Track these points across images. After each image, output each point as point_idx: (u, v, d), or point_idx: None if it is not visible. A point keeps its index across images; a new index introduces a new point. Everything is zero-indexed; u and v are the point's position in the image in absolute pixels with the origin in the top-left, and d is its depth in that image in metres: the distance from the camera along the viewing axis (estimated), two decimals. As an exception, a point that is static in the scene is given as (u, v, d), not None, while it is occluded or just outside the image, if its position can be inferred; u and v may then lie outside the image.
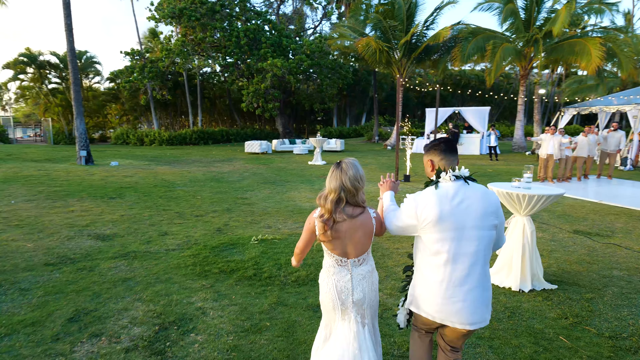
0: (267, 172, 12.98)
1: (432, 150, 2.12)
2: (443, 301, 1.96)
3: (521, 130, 20.13)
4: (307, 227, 2.09)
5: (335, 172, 2.04)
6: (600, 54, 14.50)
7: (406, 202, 2.05)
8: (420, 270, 2.06)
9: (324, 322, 2.21)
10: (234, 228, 6.13)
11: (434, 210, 1.93)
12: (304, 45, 23.31)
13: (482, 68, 42.64)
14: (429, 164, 2.12)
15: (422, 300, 2.05)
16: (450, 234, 1.93)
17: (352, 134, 34.22)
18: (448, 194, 1.97)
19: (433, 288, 1.98)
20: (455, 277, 1.94)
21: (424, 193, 2.02)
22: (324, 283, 2.13)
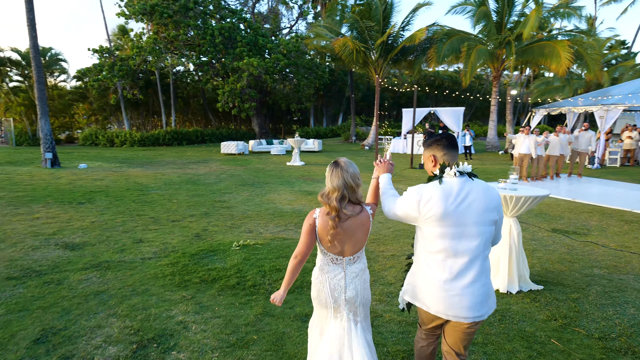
0: (245, 173, 12.71)
1: (434, 145, 2.09)
2: (441, 294, 1.95)
3: (494, 130, 20.62)
4: (307, 228, 2.06)
5: (336, 170, 2.04)
6: (569, 56, 15.02)
7: (409, 192, 2.02)
8: (420, 261, 2.06)
9: (316, 319, 2.20)
10: (214, 233, 5.90)
11: (438, 206, 1.92)
12: (280, 44, 23.06)
13: (455, 69, 43.69)
14: (430, 159, 2.09)
15: (419, 290, 2.05)
16: (451, 230, 1.92)
17: (329, 134, 34.23)
18: (453, 191, 1.95)
19: (431, 280, 1.98)
20: (454, 271, 1.93)
21: (428, 187, 1.99)
22: (317, 281, 2.13)
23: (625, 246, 5.58)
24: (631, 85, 15.49)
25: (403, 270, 2.86)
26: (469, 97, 41.90)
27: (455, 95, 41.71)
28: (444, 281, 1.94)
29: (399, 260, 4.85)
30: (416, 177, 11.98)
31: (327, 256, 2.09)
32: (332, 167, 2.07)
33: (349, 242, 2.06)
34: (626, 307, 3.69)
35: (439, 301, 1.96)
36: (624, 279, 4.40)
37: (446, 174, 2.01)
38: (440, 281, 1.95)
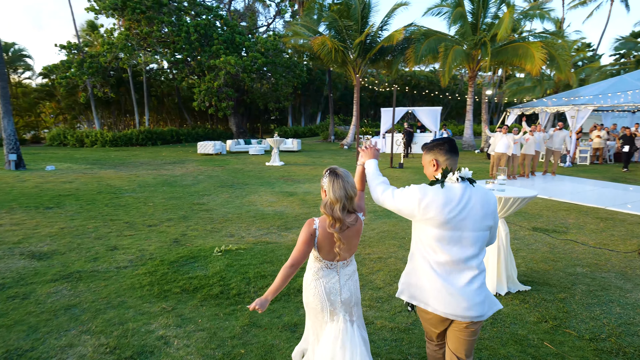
0: (224, 174, 12.40)
1: (436, 149, 2.08)
2: (438, 292, 1.97)
3: (470, 130, 21.00)
4: (306, 238, 2.03)
5: (337, 181, 2.04)
6: (543, 57, 15.44)
7: (411, 188, 2.02)
8: (416, 260, 2.07)
9: (310, 327, 2.22)
10: (193, 238, 5.65)
11: (440, 211, 1.93)
12: (258, 42, 22.69)
13: (430, 69, 44.39)
14: (432, 163, 2.08)
15: (416, 289, 2.06)
16: (449, 234, 1.94)
17: (308, 133, 34.07)
18: (455, 197, 1.96)
19: (428, 279, 2.00)
20: (451, 272, 1.97)
21: (432, 189, 1.99)
22: (311, 286, 2.14)
23: (604, 244, 5.70)
24: (599, 87, 16.07)
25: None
26: (445, 97, 42.67)
27: (431, 95, 42.38)
28: (442, 280, 1.96)
29: (386, 263, 4.77)
30: (397, 177, 12.00)
31: (321, 262, 2.10)
32: (332, 177, 2.05)
33: (346, 249, 2.09)
34: (612, 306, 3.73)
35: (438, 299, 1.98)
36: (606, 277, 4.46)
37: (448, 179, 2.02)
38: (437, 280, 1.97)
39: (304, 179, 11.39)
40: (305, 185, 10.32)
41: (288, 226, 6.43)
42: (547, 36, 18.84)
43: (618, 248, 5.50)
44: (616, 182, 11.44)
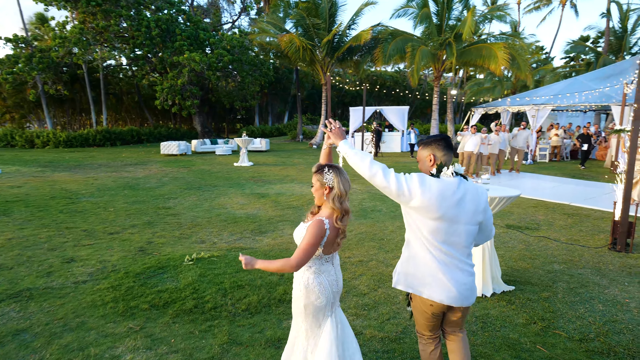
0: (190, 175, 11.85)
1: (434, 145, 2.12)
2: (436, 281, 2.05)
3: (436, 129, 21.41)
4: (317, 240, 1.99)
5: (342, 174, 2.08)
6: (505, 57, 15.95)
7: (412, 174, 2.05)
8: (413, 247, 2.12)
9: (303, 332, 2.18)
10: (161, 246, 5.24)
11: (438, 202, 1.98)
12: (223, 39, 22.00)
13: (395, 69, 45.13)
14: (430, 158, 2.12)
15: (413, 278, 2.12)
16: (444, 225, 2.00)
17: (275, 132, 33.61)
18: (452, 190, 2.02)
19: (424, 266, 2.07)
20: (444, 260, 2.04)
21: (431, 179, 2.03)
22: (314, 285, 2.11)
23: (574, 239, 5.83)
24: (556, 87, 16.81)
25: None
26: (409, 96, 43.50)
27: (396, 95, 43.08)
28: (436, 268, 2.04)
29: (368, 267, 4.61)
30: (368, 176, 11.94)
31: (322, 258, 2.13)
32: (337, 172, 2.07)
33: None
34: (594, 304, 3.75)
35: (434, 286, 2.05)
36: (582, 273, 4.52)
37: (443, 174, 2.07)
38: (435, 268, 2.04)
39: (274, 180, 11.08)
40: (277, 186, 10.02)
41: (262, 230, 6.14)
42: (508, 38, 19.52)
43: (588, 243, 5.64)
44: (575, 178, 11.96)
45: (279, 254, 4.97)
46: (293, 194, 8.96)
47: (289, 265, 1.97)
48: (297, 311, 2.17)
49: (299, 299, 2.13)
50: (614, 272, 4.56)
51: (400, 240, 5.65)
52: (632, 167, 5.32)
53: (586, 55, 36.65)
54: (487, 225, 2.21)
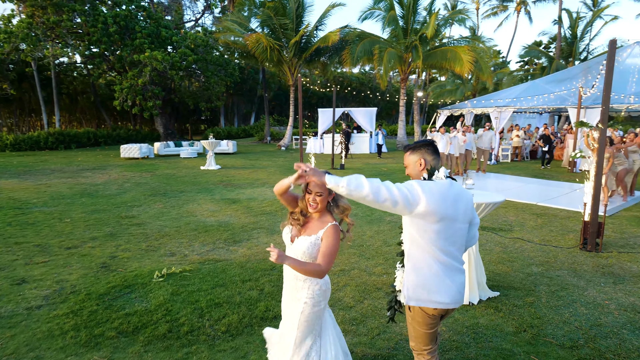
0: (154, 181, 11.25)
1: (423, 149, 2.15)
2: (443, 286, 2.07)
3: (404, 130, 21.73)
4: (338, 241, 2.10)
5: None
6: (470, 59, 16.38)
7: (411, 182, 2.04)
8: (417, 258, 2.11)
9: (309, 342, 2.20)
10: (126, 261, 4.83)
11: (440, 204, 2.01)
12: (187, 38, 21.19)
13: (361, 71, 45.60)
14: (420, 162, 2.14)
15: (422, 289, 2.09)
16: (446, 225, 2.04)
17: (242, 134, 32.93)
18: (448, 189, 2.08)
19: (433, 273, 2.07)
20: (448, 262, 2.08)
21: (429, 182, 2.05)
22: (325, 287, 2.23)
23: (547, 240, 5.96)
24: (516, 90, 17.48)
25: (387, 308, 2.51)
26: (375, 98, 44.07)
27: (362, 96, 43.51)
28: (442, 273, 2.07)
29: (350, 276, 4.44)
30: (340, 179, 11.83)
31: None
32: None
33: None
34: (576, 307, 3.77)
35: (442, 291, 2.07)
36: (560, 275, 4.59)
37: (436, 177, 2.11)
38: (438, 273, 2.07)
39: (245, 184, 10.72)
40: (248, 191, 9.68)
41: (236, 239, 5.84)
42: (470, 41, 20.12)
43: (560, 244, 5.78)
44: (537, 178, 12.42)
45: (256, 265, 4.70)
46: (265, 199, 8.67)
47: (320, 271, 2.00)
48: (303, 324, 2.16)
49: (307, 310, 2.16)
50: (589, 272, 4.66)
51: (380, 245, 5.54)
52: (600, 168, 5.49)
53: (539, 59, 38.71)
54: (476, 227, 2.30)
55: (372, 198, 1.87)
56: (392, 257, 5.08)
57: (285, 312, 2.30)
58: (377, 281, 4.32)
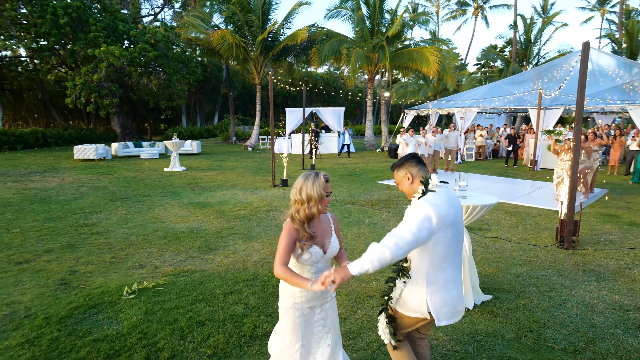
0: (114, 184, 10.49)
1: (407, 164, 2.19)
2: (450, 295, 2.09)
3: (371, 130, 21.86)
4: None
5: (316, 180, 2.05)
6: (437, 60, 16.68)
7: (417, 209, 1.99)
8: (425, 275, 2.07)
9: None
10: (89, 276, 4.33)
11: (449, 212, 2.03)
12: (147, 32, 20.11)
13: (326, 71, 45.62)
14: (407, 176, 2.18)
15: (432, 303, 2.06)
16: (454, 231, 2.07)
17: (205, 134, 31.92)
18: (448, 197, 2.11)
19: (444, 286, 2.08)
20: (454, 268, 2.12)
21: (431, 199, 2.04)
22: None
23: (524, 239, 6.03)
24: (480, 91, 18.03)
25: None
26: (339, 98, 44.26)
27: (326, 95, 43.57)
28: (453, 281, 2.11)
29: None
30: (312, 179, 11.58)
31: None
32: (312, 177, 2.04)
33: None
34: (568, 307, 3.76)
35: (455, 298, 2.10)
36: (545, 275, 4.60)
37: (432, 185, 2.12)
38: (448, 283, 2.09)
39: (213, 186, 10.23)
40: (218, 194, 9.22)
41: (211, 246, 5.45)
42: (434, 43, 20.55)
43: (538, 242, 5.86)
44: (502, 176, 12.80)
45: (237, 275, 4.37)
46: (237, 202, 8.27)
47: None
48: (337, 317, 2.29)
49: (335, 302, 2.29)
50: (571, 271, 4.72)
51: (363, 249, 5.34)
52: (576, 167, 5.61)
53: (494, 62, 40.46)
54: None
55: (399, 256, 1.88)
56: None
57: (320, 319, 2.15)
58: (367, 288, 4.13)
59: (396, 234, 1.90)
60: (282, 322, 2.13)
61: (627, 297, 3.98)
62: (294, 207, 2.00)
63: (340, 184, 10.62)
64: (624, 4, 34.12)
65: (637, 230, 6.48)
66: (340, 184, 10.72)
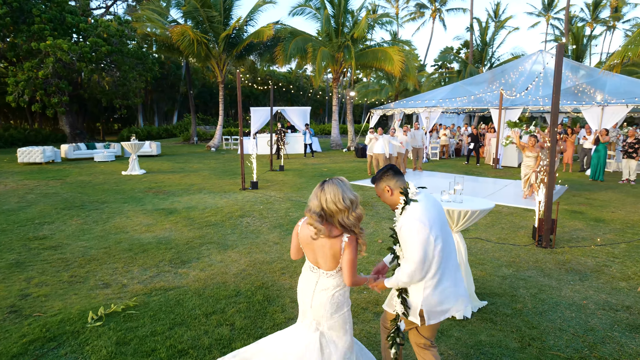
0: (66, 190, 9.60)
1: (384, 177, 2.23)
2: (451, 290, 2.18)
3: (337, 129, 21.78)
4: (293, 233, 2.20)
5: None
6: (401, 60, 16.84)
7: (413, 233, 2.07)
8: (428, 282, 2.15)
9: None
10: (44, 300, 3.78)
11: (432, 217, 2.10)
12: (99, 26, 18.75)
13: (288, 70, 45.17)
14: (386, 189, 2.22)
15: (436, 306, 2.16)
16: (442, 231, 2.15)
17: (164, 134, 30.53)
18: (429, 200, 2.19)
19: (443, 287, 2.16)
20: (450, 267, 2.19)
21: (413, 211, 2.12)
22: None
23: (503, 238, 6.07)
24: (443, 91, 18.44)
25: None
26: (302, 97, 44.01)
27: (289, 95, 43.15)
28: (453, 280, 2.20)
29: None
30: (281, 181, 11.26)
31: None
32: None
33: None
34: (562, 310, 3.73)
35: (451, 297, 2.18)
36: (531, 276, 4.60)
37: (412, 195, 2.18)
38: (446, 283, 2.16)
39: (178, 191, 9.63)
40: (184, 199, 8.67)
41: (183, 259, 5.01)
42: (398, 44, 20.80)
43: (516, 241, 5.91)
44: (468, 174, 13.08)
45: (217, 292, 3.99)
46: (207, 207, 7.79)
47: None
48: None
49: None
50: (555, 271, 4.75)
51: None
52: (553, 167, 5.70)
53: (450, 63, 41.89)
54: None
55: (418, 278, 2.11)
56: (364, 267, 4.70)
57: None
58: (358, 299, 3.90)
59: (406, 271, 2.09)
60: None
61: (613, 296, 4.03)
62: (339, 216, 2.00)
63: (312, 186, 10.36)
64: (569, 10, 36.40)
65: (603, 226, 6.74)
66: (312, 185, 10.47)
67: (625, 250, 5.49)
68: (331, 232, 2.01)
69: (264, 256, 5.14)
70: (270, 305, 3.73)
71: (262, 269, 4.68)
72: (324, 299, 2.11)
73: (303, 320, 2.21)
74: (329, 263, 2.08)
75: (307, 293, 2.15)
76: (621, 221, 7.01)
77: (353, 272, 2.04)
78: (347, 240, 2.01)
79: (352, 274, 2.04)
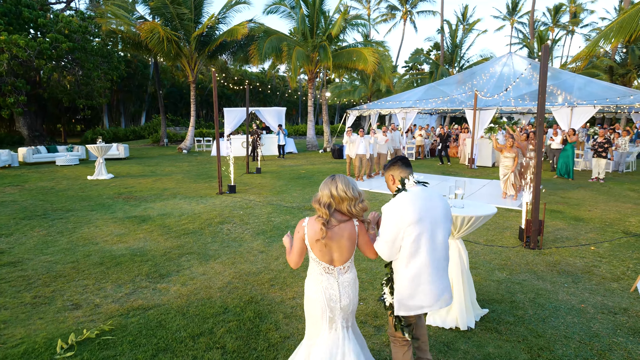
0: (25, 197, 8.87)
1: (392, 167, 2.39)
2: (429, 288, 2.24)
3: (313, 130, 21.55)
4: (296, 237, 2.22)
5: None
6: (375, 60, 16.83)
7: (384, 214, 2.24)
8: (404, 271, 2.26)
9: (307, 337, 2.35)
10: (2, 328, 3.33)
11: (412, 209, 2.18)
12: (59, 21, 17.62)
13: (260, 70, 44.55)
14: (390, 178, 2.39)
15: (411, 299, 2.26)
16: (426, 227, 2.20)
17: (131, 136, 29.28)
18: (420, 195, 2.26)
19: (419, 281, 2.23)
20: (433, 265, 2.23)
21: (398, 198, 2.25)
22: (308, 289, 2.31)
23: (491, 240, 6.03)
24: (418, 92, 18.59)
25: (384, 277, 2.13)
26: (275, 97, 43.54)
27: (262, 95, 42.59)
28: (429, 275, 2.23)
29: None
30: (259, 184, 10.91)
31: (319, 266, 2.22)
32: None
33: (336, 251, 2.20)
34: (563, 316, 3.66)
35: (428, 295, 2.24)
36: (525, 279, 4.53)
37: (408, 185, 2.31)
38: (425, 277, 2.23)
39: (151, 196, 9.10)
40: (158, 205, 8.18)
41: (162, 272, 4.62)
42: (371, 44, 20.83)
43: (504, 243, 5.88)
44: (444, 175, 13.18)
45: (203, 309, 3.66)
46: (183, 214, 7.36)
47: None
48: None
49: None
50: (547, 273, 4.71)
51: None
52: (539, 169, 5.70)
53: (421, 65, 42.62)
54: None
55: (385, 256, 2.28)
56: (359, 255, 4.49)
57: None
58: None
59: (376, 245, 2.26)
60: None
61: (608, 299, 4.01)
62: (347, 203, 2.15)
63: (292, 189, 10.08)
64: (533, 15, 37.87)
65: (583, 225, 6.85)
66: (292, 188, 10.19)
67: (609, 249, 5.55)
68: (342, 217, 2.17)
69: (250, 266, 4.83)
70: (263, 323, 3.45)
71: (249, 281, 4.38)
72: (350, 292, 2.25)
73: (331, 327, 2.23)
74: (345, 252, 2.18)
75: (333, 296, 2.20)
76: (599, 219, 7.15)
77: (372, 247, 2.25)
78: (358, 224, 2.21)
79: (372, 249, 2.26)
